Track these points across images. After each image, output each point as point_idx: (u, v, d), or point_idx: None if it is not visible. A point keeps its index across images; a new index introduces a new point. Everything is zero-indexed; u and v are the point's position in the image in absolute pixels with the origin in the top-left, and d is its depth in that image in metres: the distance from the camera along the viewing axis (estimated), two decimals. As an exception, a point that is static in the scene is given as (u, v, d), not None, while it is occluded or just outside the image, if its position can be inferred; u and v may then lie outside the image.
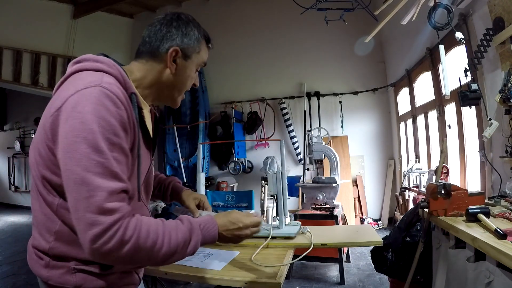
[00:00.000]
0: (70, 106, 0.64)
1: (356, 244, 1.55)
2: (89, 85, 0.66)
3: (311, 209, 3.01)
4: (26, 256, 0.83)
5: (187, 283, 2.69)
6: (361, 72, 4.97)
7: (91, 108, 0.63)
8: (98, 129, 0.62)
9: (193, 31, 0.85)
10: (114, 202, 0.62)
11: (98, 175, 0.61)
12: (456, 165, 2.83)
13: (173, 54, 0.82)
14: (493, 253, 1.00)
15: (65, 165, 0.62)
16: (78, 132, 0.62)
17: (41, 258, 0.75)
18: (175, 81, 0.85)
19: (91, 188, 0.60)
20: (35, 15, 4.63)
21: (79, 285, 0.72)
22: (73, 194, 0.62)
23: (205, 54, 0.89)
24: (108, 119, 0.64)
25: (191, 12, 0.94)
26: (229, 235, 0.82)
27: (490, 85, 2.14)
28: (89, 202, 0.60)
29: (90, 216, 0.60)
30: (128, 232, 0.63)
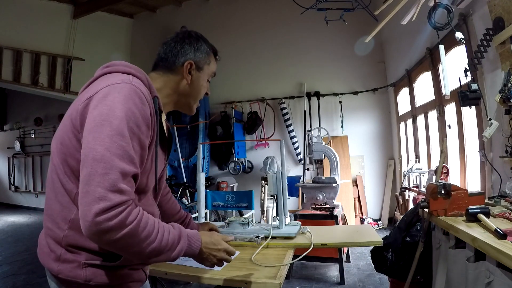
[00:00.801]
0: (101, 95, 0.71)
1: (356, 244, 1.55)
2: (121, 81, 0.74)
3: (311, 209, 3.01)
4: (26, 256, 0.84)
5: (187, 283, 2.69)
6: (361, 72, 4.97)
7: (120, 99, 0.70)
8: (124, 117, 0.68)
9: (203, 46, 0.97)
10: (125, 184, 0.66)
11: (117, 156, 0.66)
12: (456, 165, 2.83)
13: (188, 67, 0.93)
14: (493, 253, 1.00)
15: (88, 143, 0.67)
16: (105, 117, 0.67)
17: (53, 251, 0.77)
18: (190, 91, 0.95)
19: (108, 166, 0.64)
20: (35, 15, 4.63)
21: (89, 280, 0.75)
22: (88, 168, 0.65)
23: (214, 65, 1.01)
24: (134, 111, 0.71)
25: (191, 12, 0.97)
26: (207, 253, 0.86)
27: (490, 85, 2.14)
28: (104, 178, 0.63)
29: (101, 191, 0.63)
30: (131, 216, 0.66)
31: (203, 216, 1.78)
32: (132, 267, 0.82)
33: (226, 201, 2.60)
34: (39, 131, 7.41)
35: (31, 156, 7.58)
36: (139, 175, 0.72)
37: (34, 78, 4.57)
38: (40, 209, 7.25)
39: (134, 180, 0.71)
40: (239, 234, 1.52)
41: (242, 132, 5.32)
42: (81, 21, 5.14)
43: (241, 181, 5.34)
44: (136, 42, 6.13)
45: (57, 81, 4.85)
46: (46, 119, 7.32)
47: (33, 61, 4.57)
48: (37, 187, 7.45)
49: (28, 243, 4.21)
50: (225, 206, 2.62)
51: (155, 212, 0.90)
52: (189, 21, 5.50)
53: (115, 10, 5.79)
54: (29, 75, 4.55)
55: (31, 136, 7.50)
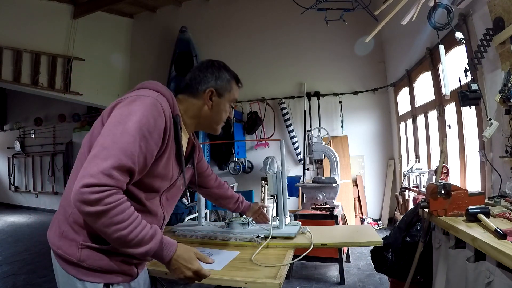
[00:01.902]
0: (128, 100, 0.85)
1: (356, 244, 1.55)
2: (147, 95, 0.87)
3: (311, 209, 3.01)
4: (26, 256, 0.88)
5: (187, 283, 2.69)
6: (361, 72, 4.97)
7: (141, 107, 0.83)
8: (138, 122, 0.80)
9: (225, 74, 1.07)
10: (117, 173, 0.76)
11: (120, 149, 0.77)
12: (456, 165, 2.83)
13: (209, 94, 1.03)
14: (493, 253, 1.00)
15: (103, 133, 0.80)
16: (123, 117, 0.81)
17: (59, 227, 0.88)
18: (211, 115, 1.06)
19: (109, 154, 0.75)
20: (35, 15, 4.62)
21: (82, 260, 0.84)
22: (94, 151, 0.77)
23: (236, 92, 1.12)
24: (149, 119, 0.82)
25: (191, 12, 0.98)
26: (176, 266, 0.88)
27: (490, 85, 2.14)
28: (101, 162, 0.75)
29: (95, 170, 0.73)
30: (110, 198, 0.74)
31: (203, 216, 1.78)
32: (125, 259, 0.90)
33: (226, 201, 2.59)
34: (39, 131, 7.41)
35: (31, 156, 7.58)
36: (135, 171, 0.80)
37: (34, 78, 4.57)
38: (40, 209, 7.26)
39: (130, 175, 0.80)
40: (239, 234, 1.52)
41: (242, 132, 5.32)
42: (81, 21, 5.13)
43: (241, 181, 5.33)
44: (136, 42, 6.12)
45: (57, 81, 4.85)
46: (46, 119, 7.32)
47: (33, 61, 4.56)
48: (37, 187, 7.44)
49: (28, 243, 4.20)
50: (225, 206, 2.61)
51: (158, 213, 0.97)
52: (189, 21, 5.50)
53: (115, 10, 5.78)
54: (29, 75, 4.54)
55: (31, 136, 7.50)
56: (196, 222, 1.81)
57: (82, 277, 0.84)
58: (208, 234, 1.56)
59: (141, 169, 0.83)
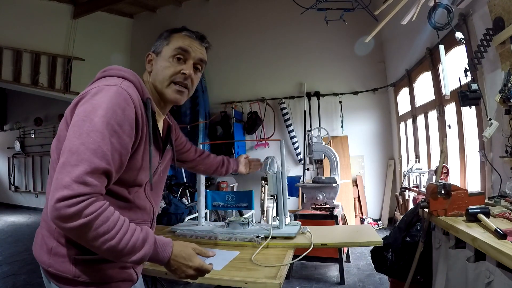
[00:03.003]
0: (90, 94, 0.76)
1: (356, 244, 1.55)
2: (110, 84, 0.78)
3: (311, 209, 3.01)
4: (26, 256, 0.86)
5: (187, 283, 2.69)
6: (361, 72, 4.97)
7: (105, 99, 0.73)
8: (105, 115, 0.71)
9: (163, 34, 0.97)
10: (92, 178, 0.68)
11: (90, 151, 0.68)
12: (456, 165, 2.83)
13: (147, 58, 0.96)
14: (493, 253, 1.00)
15: (68, 136, 0.71)
16: (88, 113, 0.71)
17: (46, 243, 0.80)
18: (153, 75, 0.93)
19: (79, 158, 0.67)
20: (35, 15, 4.63)
21: (77, 276, 0.77)
22: (63, 158, 0.69)
23: (177, 41, 0.93)
24: (116, 111, 0.73)
25: (191, 12, 0.98)
26: (175, 266, 0.82)
27: (490, 85, 2.13)
28: (73, 169, 0.67)
29: (67, 180, 0.66)
30: (90, 208, 0.67)
31: (203, 216, 1.79)
32: (123, 266, 0.83)
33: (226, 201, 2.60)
34: (39, 131, 7.41)
35: (31, 156, 7.58)
36: (111, 172, 0.72)
37: (34, 78, 4.57)
38: (40, 209, 7.25)
39: (107, 177, 0.72)
40: (239, 234, 1.52)
41: (242, 132, 5.31)
42: (81, 21, 5.13)
43: (241, 181, 5.34)
44: (136, 42, 6.12)
45: (57, 81, 4.85)
46: (46, 119, 7.32)
47: (33, 61, 4.57)
48: (37, 187, 7.44)
49: (28, 243, 4.20)
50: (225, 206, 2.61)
51: (146, 207, 0.91)
52: (189, 21, 5.48)
53: (115, 10, 5.78)
54: (29, 75, 4.54)
55: (31, 136, 7.50)
56: (196, 222, 1.81)
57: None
58: (208, 234, 1.56)
59: (118, 167, 0.75)
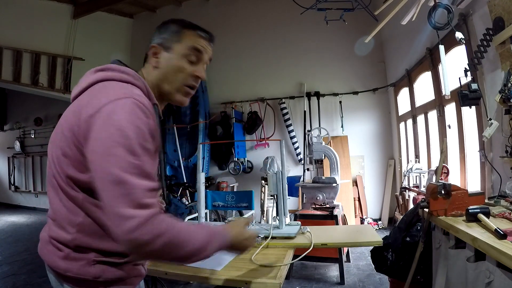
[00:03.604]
0: (106, 114, 0.69)
1: (356, 244, 1.55)
2: (122, 96, 0.72)
3: (311, 209, 3.01)
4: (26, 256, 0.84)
5: (187, 283, 2.69)
6: (361, 72, 4.97)
7: (125, 116, 0.69)
8: (133, 135, 0.68)
9: (170, 26, 0.87)
10: (150, 199, 0.68)
11: (135, 175, 0.67)
12: (456, 165, 2.83)
13: (152, 51, 0.86)
14: (493, 253, 1.00)
15: (101, 167, 0.67)
16: (115, 138, 0.67)
17: (60, 249, 0.77)
18: (161, 75, 0.86)
19: (128, 187, 0.65)
20: (35, 15, 4.63)
21: (98, 276, 0.76)
22: (109, 193, 0.66)
23: (191, 40, 0.87)
24: (140, 126, 0.70)
25: (191, 12, 0.95)
26: (236, 245, 0.86)
27: (490, 85, 2.13)
28: (127, 198, 0.65)
29: (128, 211, 0.64)
30: (163, 225, 0.68)
31: (203, 216, 1.78)
32: (135, 262, 0.84)
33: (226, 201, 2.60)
34: (39, 131, 7.41)
35: (31, 156, 7.58)
36: (157, 187, 0.72)
37: (34, 78, 4.57)
38: (40, 209, 7.25)
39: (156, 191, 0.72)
40: (239, 234, 1.52)
41: (242, 132, 5.31)
42: (81, 21, 5.13)
43: (241, 181, 5.34)
44: (136, 42, 6.12)
45: (57, 81, 4.85)
46: (46, 119, 7.32)
47: (33, 61, 4.56)
48: (37, 187, 7.44)
49: (28, 243, 4.21)
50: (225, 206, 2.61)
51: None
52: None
53: (115, 10, 5.79)
54: (29, 75, 4.54)
55: (31, 136, 7.50)
56: (196, 222, 1.81)
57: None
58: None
59: None
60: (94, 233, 0.75)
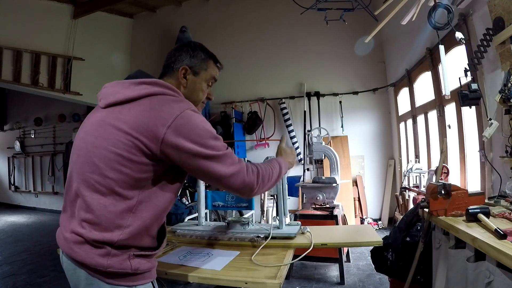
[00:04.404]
0: (185, 119, 0.86)
1: (356, 244, 1.55)
2: (186, 108, 0.88)
3: (311, 209, 3.01)
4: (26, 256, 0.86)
5: (187, 283, 2.69)
6: (361, 72, 4.97)
7: (199, 120, 0.89)
8: (211, 129, 0.91)
9: (200, 53, 1.05)
10: (236, 157, 0.94)
11: (225, 148, 0.92)
12: (456, 165, 2.83)
13: (183, 72, 1.02)
14: (493, 253, 1.00)
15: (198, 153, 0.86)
16: (204, 133, 0.88)
17: (101, 248, 0.83)
18: (187, 94, 1.02)
19: (222, 155, 0.90)
20: (35, 15, 4.62)
21: (136, 268, 0.86)
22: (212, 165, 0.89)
23: (213, 71, 1.09)
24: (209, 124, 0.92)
25: (191, 12, 0.98)
26: (288, 161, 1.23)
27: (490, 85, 2.13)
28: (228, 161, 0.91)
29: (234, 167, 0.91)
30: (254, 168, 0.97)
31: (203, 216, 1.79)
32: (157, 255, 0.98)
33: (226, 201, 2.60)
34: (39, 131, 7.41)
35: (31, 156, 7.58)
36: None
37: (34, 78, 4.56)
38: (40, 209, 7.26)
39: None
40: (239, 234, 1.52)
41: (242, 132, 5.31)
42: (81, 21, 5.13)
43: (241, 181, 5.33)
44: (136, 42, 6.12)
45: (57, 81, 4.84)
46: (46, 119, 7.32)
47: (33, 61, 4.56)
48: (37, 187, 7.44)
49: (28, 243, 4.21)
50: (225, 206, 2.61)
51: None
52: (189, 21, 5.50)
53: (115, 10, 5.78)
54: (29, 75, 4.54)
55: (31, 136, 7.50)
56: (196, 222, 1.81)
57: (134, 283, 0.87)
58: (208, 234, 1.56)
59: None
60: (139, 234, 0.86)
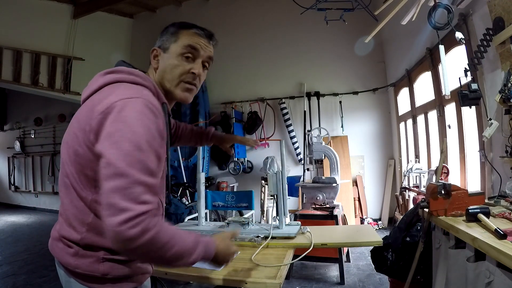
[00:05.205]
0: (116, 110, 0.72)
1: (356, 244, 1.55)
2: (132, 96, 0.75)
3: (311, 209, 3.01)
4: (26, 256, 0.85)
5: (187, 283, 2.69)
6: (361, 72, 4.97)
7: (135, 114, 0.72)
8: (141, 132, 0.71)
9: (169, 28, 0.93)
10: (148, 196, 0.69)
11: (139, 171, 0.69)
12: (456, 165, 2.83)
13: (153, 54, 0.92)
14: (493, 253, 1.00)
15: (108, 159, 0.69)
16: (123, 133, 0.70)
17: (70, 247, 0.80)
18: (162, 75, 0.90)
19: (131, 181, 0.67)
20: (35, 15, 4.63)
21: (106, 273, 0.79)
22: (111, 183, 0.67)
23: (186, 39, 0.91)
24: (149, 125, 0.73)
25: (191, 12, 0.96)
26: (220, 258, 0.89)
27: (490, 85, 2.14)
28: (127, 192, 0.66)
29: (125, 204, 0.66)
30: (152, 223, 0.68)
31: (203, 216, 1.79)
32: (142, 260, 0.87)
33: (226, 201, 2.60)
34: (39, 131, 7.41)
35: (31, 156, 7.58)
36: (157, 185, 0.74)
37: (34, 78, 4.57)
38: (40, 209, 7.26)
39: (155, 189, 0.74)
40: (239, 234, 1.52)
41: (242, 132, 5.31)
42: (81, 21, 5.13)
43: (241, 181, 5.34)
44: (136, 42, 6.12)
45: (57, 81, 4.85)
46: (46, 119, 7.32)
47: (33, 61, 4.57)
48: (37, 187, 7.44)
49: (28, 243, 4.20)
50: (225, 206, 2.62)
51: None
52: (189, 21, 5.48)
53: (115, 10, 5.79)
54: (29, 75, 4.54)
55: (31, 136, 7.50)
56: (196, 222, 1.81)
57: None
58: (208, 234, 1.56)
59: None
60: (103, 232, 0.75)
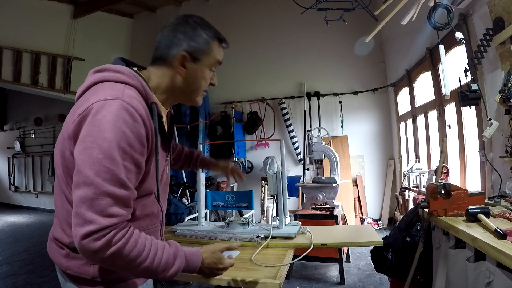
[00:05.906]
0: (92, 113, 0.68)
1: (356, 244, 1.55)
2: (111, 97, 0.70)
3: (311, 209, 3.01)
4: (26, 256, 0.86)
5: (187, 283, 2.69)
6: (361, 72, 4.97)
7: (110, 118, 0.67)
8: (113, 138, 0.66)
9: (201, 34, 0.85)
10: (117, 208, 0.66)
11: (107, 181, 0.65)
12: (456, 165, 2.83)
13: (181, 60, 0.83)
14: (493, 253, 1.00)
15: (78, 166, 0.66)
16: (94, 138, 0.66)
17: (62, 248, 0.80)
18: (187, 84, 0.86)
19: (98, 192, 0.64)
20: (35, 15, 4.63)
21: (96, 277, 0.77)
22: (80, 191, 0.65)
23: (218, 53, 0.89)
24: (124, 130, 0.68)
25: (191, 12, 0.93)
26: (207, 271, 0.87)
27: (490, 85, 2.14)
28: (94, 203, 0.64)
29: (90, 215, 0.63)
30: (117, 236, 0.66)
31: (203, 216, 1.79)
32: None
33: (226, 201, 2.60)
34: (39, 131, 7.41)
35: (31, 156, 7.58)
36: (131, 196, 0.70)
37: (34, 78, 4.57)
38: (40, 209, 7.26)
39: (129, 201, 0.70)
40: (239, 234, 1.52)
41: (242, 132, 5.31)
42: (81, 21, 5.13)
43: (241, 181, 5.33)
44: (136, 42, 6.12)
45: (57, 81, 4.85)
46: (46, 119, 7.32)
47: (33, 61, 4.57)
48: (37, 187, 7.44)
49: (28, 243, 4.20)
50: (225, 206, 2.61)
51: (154, 211, 0.89)
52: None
53: (115, 10, 5.78)
54: (29, 75, 4.54)
55: (31, 136, 7.50)
56: (196, 222, 1.81)
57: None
58: (208, 234, 1.56)
59: (136, 186, 0.74)
60: None
